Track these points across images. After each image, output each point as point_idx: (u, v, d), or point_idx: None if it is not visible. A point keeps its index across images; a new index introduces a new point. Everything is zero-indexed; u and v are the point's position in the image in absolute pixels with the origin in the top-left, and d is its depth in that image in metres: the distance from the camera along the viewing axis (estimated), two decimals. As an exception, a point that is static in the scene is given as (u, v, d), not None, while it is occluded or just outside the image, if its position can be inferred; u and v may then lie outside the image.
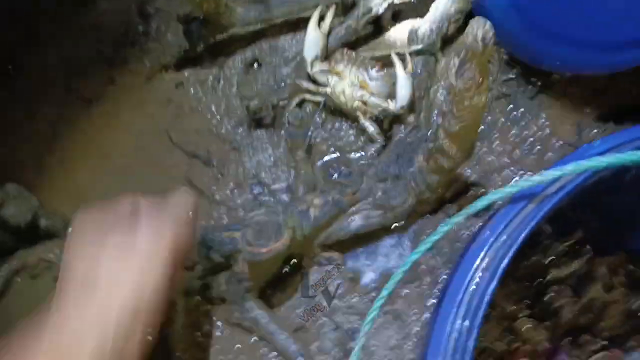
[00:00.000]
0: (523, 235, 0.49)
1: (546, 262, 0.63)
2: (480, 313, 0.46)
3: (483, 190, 0.82)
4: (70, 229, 0.58)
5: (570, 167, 0.49)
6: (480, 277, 0.48)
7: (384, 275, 0.80)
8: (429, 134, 0.67)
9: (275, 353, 0.77)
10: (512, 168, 0.83)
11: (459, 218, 0.57)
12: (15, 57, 1.07)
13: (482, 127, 0.85)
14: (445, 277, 0.75)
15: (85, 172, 0.95)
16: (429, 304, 0.76)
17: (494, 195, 0.54)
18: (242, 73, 0.95)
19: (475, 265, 0.49)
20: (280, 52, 0.94)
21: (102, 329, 0.49)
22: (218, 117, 0.94)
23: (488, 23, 0.49)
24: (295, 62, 0.91)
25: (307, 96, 0.87)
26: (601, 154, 0.51)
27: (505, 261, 0.48)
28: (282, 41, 0.94)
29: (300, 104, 0.88)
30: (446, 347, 0.46)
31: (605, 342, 0.64)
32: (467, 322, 0.46)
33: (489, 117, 0.85)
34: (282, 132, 0.89)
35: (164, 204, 0.61)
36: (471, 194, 0.81)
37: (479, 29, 0.48)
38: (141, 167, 0.94)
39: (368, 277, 0.81)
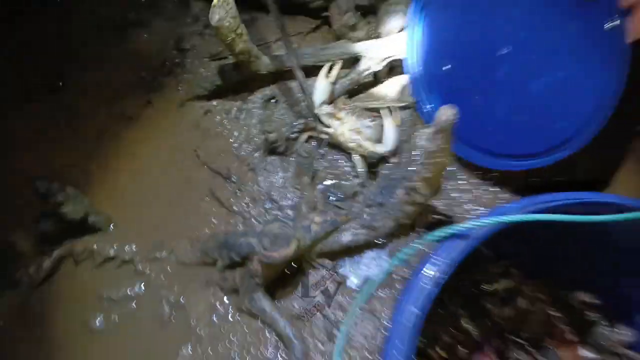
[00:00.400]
0: (460, 256, 0.66)
1: (482, 279, 0.84)
2: (428, 304, 0.63)
3: (448, 218, 1.03)
4: None
5: (488, 220, 0.68)
6: (427, 280, 0.66)
7: (365, 280, 1.00)
8: (407, 175, 0.89)
9: (274, 336, 0.97)
10: (470, 204, 1.04)
11: (422, 242, 0.77)
12: (63, 75, 1.25)
13: (453, 168, 1.06)
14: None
15: (124, 180, 1.14)
16: (398, 305, 0.97)
17: (448, 230, 0.74)
18: (261, 107, 1.15)
19: (426, 273, 0.67)
20: (294, 93, 1.14)
21: None
22: (239, 142, 1.14)
23: (454, 109, 0.70)
24: (305, 102, 1.12)
25: (314, 133, 1.07)
26: (519, 209, 0.69)
27: (449, 271, 0.65)
28: (296, 84, 1.14)
29: (308, 139, 1.09)
30: (401, 326, 0.64)
31: (525, 342, 0.85)
32: (415, 309, 0.63)
33: (459, 162, 1.07)
34: (292, 159, 1.09)
35: None
36: (437, 222, 1.02)
37: (448, 113, 0.70)
38: (172, 178, 1.13)
39: (352, 281, 1.01)
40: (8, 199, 1.10)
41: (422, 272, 0.65)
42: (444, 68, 1.01)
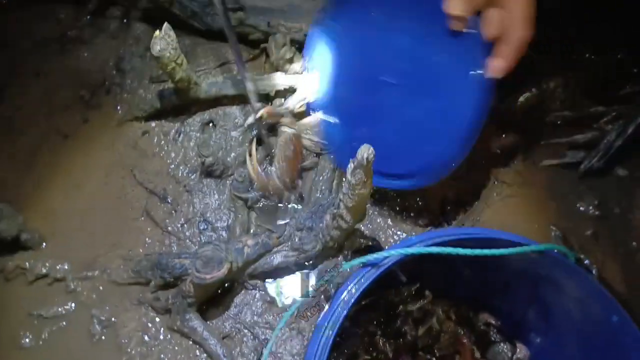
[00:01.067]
0: (370, 281, 0.72)
1: (397, 300, 0.91)
2: (337, 324, 0.68)
3: (373, 242, 1.11)
4: None
5: (397, 251, 0.75)
6: (341, 304, 0.73)
7: (293, 301, 1.06)
8: (334, 203, 0.96)
9: (205, 355, 1.01)
10: (392, 229, 1.13)
11: (345, 267, 0.84)
12: (1, 87, 1.24)
13: (377, 196, 1.14)
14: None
15: (58, 197, 1.15)
16: (324, 324, 1.03)
17: (367, 257, 0.81)
18: (199, 131, 1.19)
19: (341, 297, 0.75)
20: (232, 118, 1.19)
21: None
22: (176, 163, 1.18)
23: (371, 149, 0.77)
24: (242, 128, 1.17)
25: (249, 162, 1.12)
26: (419, 242, 0.77)
27: (356, 295, 0.71)
28: (233, 110, 1.19)
29: (244, 162, 1.14)
30: (316, 346, 0.70)
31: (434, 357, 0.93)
32: (329, 331, 0.70)
33: (383, 191, 1.15)
34: (228, 182, 1.14)
35: None
36: (364, 246, 1.09)
37: (365, 152, 0.77)
38: (107, 196, 1.15)
39: (281, 301, 1.07)
40: None
41: (336, 296, 0.71)
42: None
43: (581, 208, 1.16)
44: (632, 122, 1.13)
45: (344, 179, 0.87)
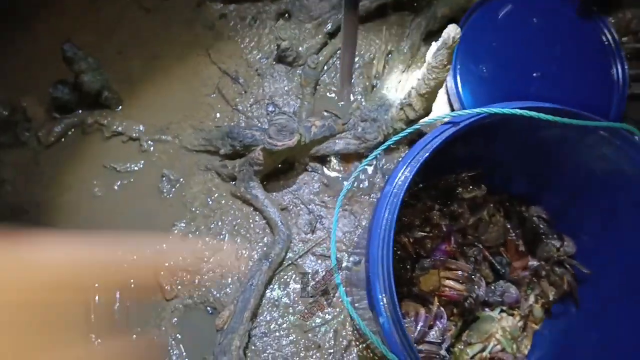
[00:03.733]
0: (428, 154, 0.68)
1: (455, 184, 0.94)
2: (396, 208, 0.66)
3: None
4: None
5: (473, 110, 0.72)
6: (399, 183, 0.70)
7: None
8: (406, 94, 1.00)
9: (264, 221, 1.08)
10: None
11: (391, 141, 0.86)
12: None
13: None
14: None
15: (138, 64, 1.21)
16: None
17: (417, 125, 0.83)
18: (275, 19, 1.23)
19: (398, 174, 0.72)
20: (306, 11, 1.22)
21: None
22: (250, 47, 1.22)
23: (458, 29, 0.80)
24: (317, 21, 1.20)
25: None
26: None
27: (415, 169, 0.68)
28: (310, 2, 1.22)
29: (317, 52, 1.18)
30: (379, 225, 0.71)
31: (483, 246, 0.98)
32: (388, 214, 0.67)
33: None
34: (298, 71, 1.18)
35: None
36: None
37: (452, 31, 0.80)
38: (183, 71, 1.21)
39: (336, 186, 1.13)
40: (26, 63, 1.16)
41: (395, 174, 0.72)
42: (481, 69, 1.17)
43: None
44: None
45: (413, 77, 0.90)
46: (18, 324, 0.33)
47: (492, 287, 0.92)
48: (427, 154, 0.68)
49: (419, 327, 0.82)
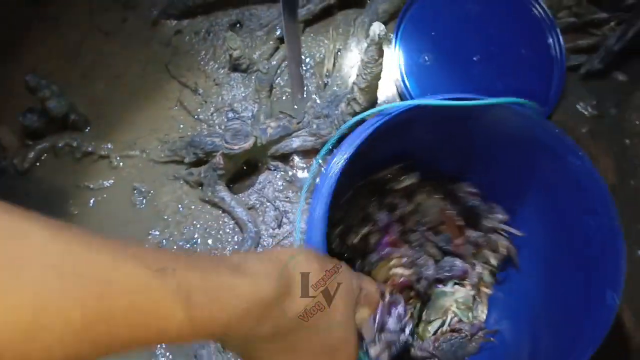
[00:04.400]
0: (358, 142, 0.74)
1: (387, 178, 0.97)
2: (333, 184, 0.72)
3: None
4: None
5: (391, 105, 0.76)
6: (331, 173, 0.75)
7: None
8: (349, 89, 1.06)
9: (233, 222, 1.15)
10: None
11: (343, 127, 0.90)
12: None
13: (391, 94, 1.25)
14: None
15: (101, 87, 1.27)
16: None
17: (360, 115, 0.85)
18: (227, 30, 1.29)
19: (332, 163, 0.76)
20: (256, 19, 1.29)
21: None
22: (206, 59, 1.29)
23: (382, 26, 0.87)
24: (267, 28, 1.27)
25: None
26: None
27: (344, 159, 0.73)
28: (259, 10, 1.29)
29: (269, 58, 1.24)
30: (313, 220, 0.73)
31: (424, 228, 1.00)
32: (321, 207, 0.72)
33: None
34: (253, 76, 1.25)
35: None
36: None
37: (377, 29, 0.87)
38: (145, 88, 1.27)
39: (300, 179, 1.19)
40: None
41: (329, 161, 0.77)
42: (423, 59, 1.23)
43: (580, 108, 1.25)
44: (632, 27, 1.19)
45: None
46: None
47: (441, 265, 0.98)
48: (359, 140, 0.74)
49: (376, 319, 0.87)
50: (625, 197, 1.20)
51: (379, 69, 0.96)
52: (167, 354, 1.05)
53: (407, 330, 0.89)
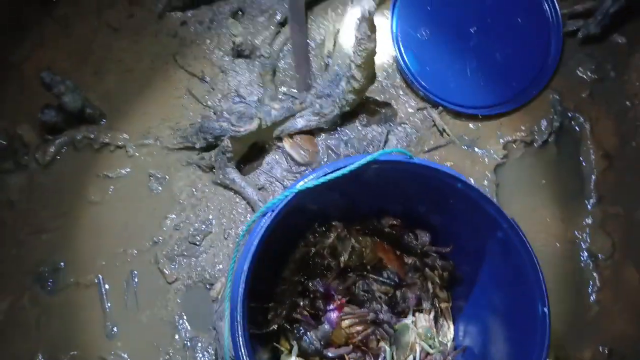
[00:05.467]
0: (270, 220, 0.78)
1: (310, 245, 0.96)
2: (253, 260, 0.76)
3: (384, 109, 1.25)
4: None
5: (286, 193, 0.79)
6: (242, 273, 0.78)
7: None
8: (348, 67, 1.10)
9: (244, 202, 1.20)
10: (404, 98, 1.27)
11: (249, 222, 0.85)
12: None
13: (390, 71, 1.28)
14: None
15: (113, 80, 1.33)
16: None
17: (263, 209, 0.82)
18: (230, 18, 1.33)
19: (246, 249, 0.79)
20: (257, 5, 1.33)
21: None
22: (211, 48, 1.33)
23: (372, 2, 0.90)
24: (268, 13, 1.31)
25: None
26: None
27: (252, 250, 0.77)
28: (261, -3, 1.33)
29: (270, 42, 1.28)
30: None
31: (366, 271, 0.99)
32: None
33: (393, 68, 1.28)
34: (256, 62, 1.29)
35: None
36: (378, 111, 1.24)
37: (367, 5, 0.90)
38: (154, 79, 1.32)
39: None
40: (14, 95, 1.29)
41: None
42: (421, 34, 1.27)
43: (579, 73, 1.27)
44: (628, -11, 1.20)
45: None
46: None
47: (395, 300, 1.00)
48: (253, 249, 0.78)
49: None
50: (626, 158, 1.22)
51: (373, 45, 0.99)
52: (188, 327, 1.11)
53: None
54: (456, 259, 0.99)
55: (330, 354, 0.93)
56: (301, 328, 0.94)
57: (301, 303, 0.96)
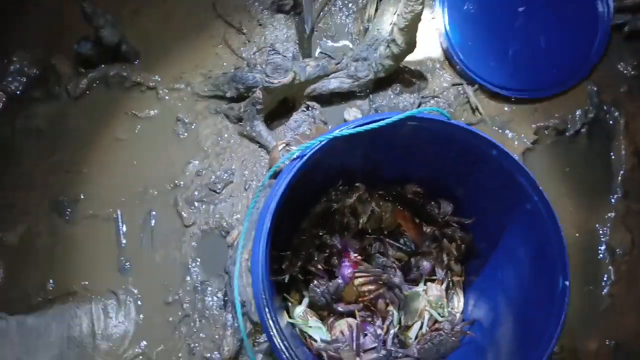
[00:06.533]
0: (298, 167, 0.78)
1: (333, 199, 0.97)
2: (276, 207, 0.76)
3: (419, 81, 1.24)
4: None
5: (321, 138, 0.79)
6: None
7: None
8: (389, 31, 1.09)
9: (268, 157, 1.20)
10: (440, 71, 1.26)
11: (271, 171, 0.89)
12: None
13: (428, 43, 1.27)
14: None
15: (151, 22, 1.32)
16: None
17: (293, 152, 0.82)
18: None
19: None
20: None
21: None
22: (251, 0, 1.32)
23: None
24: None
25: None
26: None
27: (285, 182, 0.77)
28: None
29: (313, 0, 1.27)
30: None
31: (383, 236, 1.00)
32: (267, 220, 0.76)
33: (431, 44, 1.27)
34: (296, 19, 1.28)
35: None
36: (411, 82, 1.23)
37: (421, -34, 0.89)
38: (192, 26, 1.32)
39: (334, 123, 1.23)
40: (51, 25, 1.30)
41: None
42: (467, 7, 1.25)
43: (620, 67, 1.25)
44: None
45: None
46: None
47: (409, 266, 1.00)
48: (282, 189, 0.77)
49: (354, 343, 0.89)
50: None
51: (420, 8, 0.98)
52: (200, 271, 1.12)
53: (389, 342, 0.93)
54: (474, 233, 0.99)
55: (340, 309, 0.94)
56: (314, 280, 0.94)
57: (316, 257, 0.96)
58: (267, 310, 0.73)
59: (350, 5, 1.29)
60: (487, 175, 0.85)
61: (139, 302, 1.11)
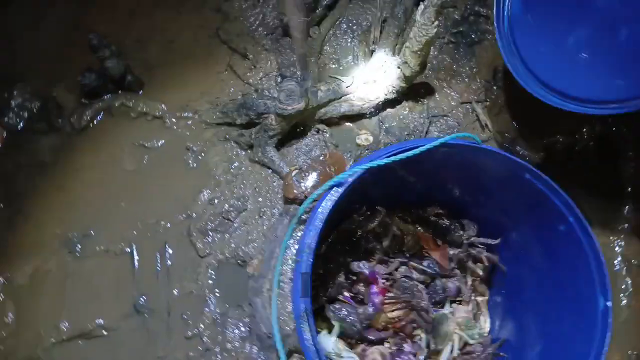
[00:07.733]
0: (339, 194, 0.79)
1: (355, 225, 0.98)
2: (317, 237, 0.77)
3: (427, 100, 1.25)
4: None
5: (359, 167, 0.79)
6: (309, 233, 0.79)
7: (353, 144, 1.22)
8: (401, 53, 1.09)
9: (280, 182, 1.19)
10: (448, 90, 1.26)
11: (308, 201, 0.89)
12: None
13: (435, 62, 1.27)
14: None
15: (155, 50, 1.31)
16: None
17: (329, 183, 0.82)
18: (277, -3, 1.32)
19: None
20: (305, -14, 1.32)
21: None
22: (255, 25, 1.32)
23: (441, -11, 0.90)
24: (315, -3, 1.30)
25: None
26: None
27: (329, 208, 0.78)
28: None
29: (319, 23, 1.27)
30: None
31: (406, 258, 1.01)
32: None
33: (440, 58, 1.28)
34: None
35: None
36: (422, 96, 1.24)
37: (435, -9, 0.90)
38: (196, 52, 1.31)
39: (345, 146, 1.23)
40: (50, 57, 1.27)
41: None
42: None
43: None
44: None
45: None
46: None
47: (433, 288, 1.00)
48: (322, 222, 0.78)
49: None
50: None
51: (434, 32, 0.99)
52: (218, 302, 1.10)
53: None
54: (500, 254, 0.99)
55: (370, 337, 0.93)
56: (342, 309, 0.93)
57: (344, 284, 0.95)
58: (311, 342, 0.72)
59: (355, 27, 1.30)
60: (515, 196, 0.86)
61: (157, 338, 1.09)
